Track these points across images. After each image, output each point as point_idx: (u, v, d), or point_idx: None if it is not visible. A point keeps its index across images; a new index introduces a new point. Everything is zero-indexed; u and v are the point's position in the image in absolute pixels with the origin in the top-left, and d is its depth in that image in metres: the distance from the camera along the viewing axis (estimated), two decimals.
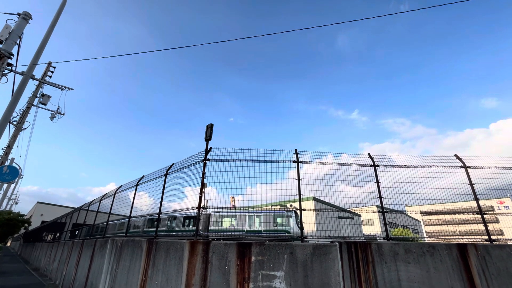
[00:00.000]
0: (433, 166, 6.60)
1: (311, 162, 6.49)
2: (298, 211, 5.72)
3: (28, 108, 13.50)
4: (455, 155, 6.73)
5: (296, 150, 6.51)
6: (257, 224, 11.89)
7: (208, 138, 6.43)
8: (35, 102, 13.94)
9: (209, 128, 6.51)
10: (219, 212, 12.17)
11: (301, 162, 6.30)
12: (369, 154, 6.71)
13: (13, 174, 8.71)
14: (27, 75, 7.90)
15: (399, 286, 4.57)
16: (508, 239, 6.05)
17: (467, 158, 6.65)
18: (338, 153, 6.88)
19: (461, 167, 6.46)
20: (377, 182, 6.25)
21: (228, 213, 12.16)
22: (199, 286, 4.74)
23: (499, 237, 6.04)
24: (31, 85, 14.73)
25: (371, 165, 6.47)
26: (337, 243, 4.86)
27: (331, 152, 6.90)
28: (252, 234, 10.80)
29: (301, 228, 5.62)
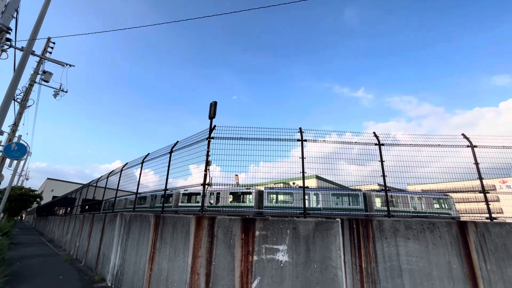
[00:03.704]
0: (438, 145, 6.53)
1: (315, 141, 6.46)
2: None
3: (31, 85, 13.43)
4: (462, 134, 6.63)
5: (300, 128, 6.46)
6: (418, 205, 12.80)
7: (212, 116, 6.38)
8: (38, 80, 13.83)
9: (213, 105, 6.44)
10: (392, 190, 12.56)
11: (305, 140, 6.28)
12: (374, 132, 6.64)
13: (22, 151, 8.88)
14: (27, 51, 7.75)
15: (398, 260, 4.74)
16: (508, 217, 6.13)
17: (474, 137, 6.56)
18: (342, 131, 6.83)
19: (468, 146, 6.39)
20: (381, 161, 6.24)
21: (390, 193, 12.59)
22: (205, 258, 4.98)
23: (498, 215, 6.12)
24: (32, 62, 14.55)
25: (376, 144, 6.43)
26: (338, 219, 4.98)
27: (335, 131, 6.86)
28: (415, 215, 11.43)
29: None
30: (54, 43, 14.54)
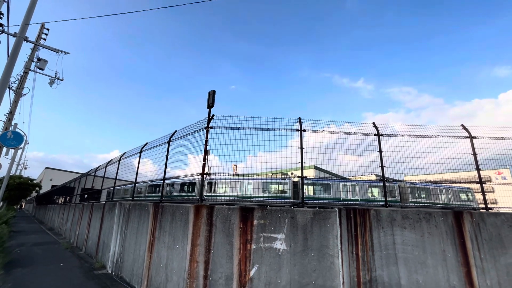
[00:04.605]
0: (437, 136, 6.53)
1: (314, 131, 6.44)
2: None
3: (25, 73, 13.18)
4: (462, 125, 6.63)
5: (299, 118, 6.42)
6: (445, 197, 13.08)
7: (210, 105, 6.30)
8: (32, 67, 13.56)
9: (211, 94, 6.36)
10: (425, 183, 12.50)
11: (304, 130, 6.25)
12: (373, 123, 6.62)
13: (18, 139, 8.80)
14: (20, 37, 7.54)
15: (394, 249, 4.82)
16: (501, 207, 6.21)
17: (473, 128, 6.56)
18: (340, 122, 6.80)
19: (467, 137, 6.39)
20: (380, 151, 6.25)
21: (421, 185, 12.69)
22: (204, 246, 5.04)
23: (493, 205, 6.20)
24: (27, 49, 14.23)
25: (375, 134, 6.42)
26: (336, 209, 5.02)
27: (333, 121, 6.82)
28: (443, 206, 11.65)
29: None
30: (48, 29, 14.17)
